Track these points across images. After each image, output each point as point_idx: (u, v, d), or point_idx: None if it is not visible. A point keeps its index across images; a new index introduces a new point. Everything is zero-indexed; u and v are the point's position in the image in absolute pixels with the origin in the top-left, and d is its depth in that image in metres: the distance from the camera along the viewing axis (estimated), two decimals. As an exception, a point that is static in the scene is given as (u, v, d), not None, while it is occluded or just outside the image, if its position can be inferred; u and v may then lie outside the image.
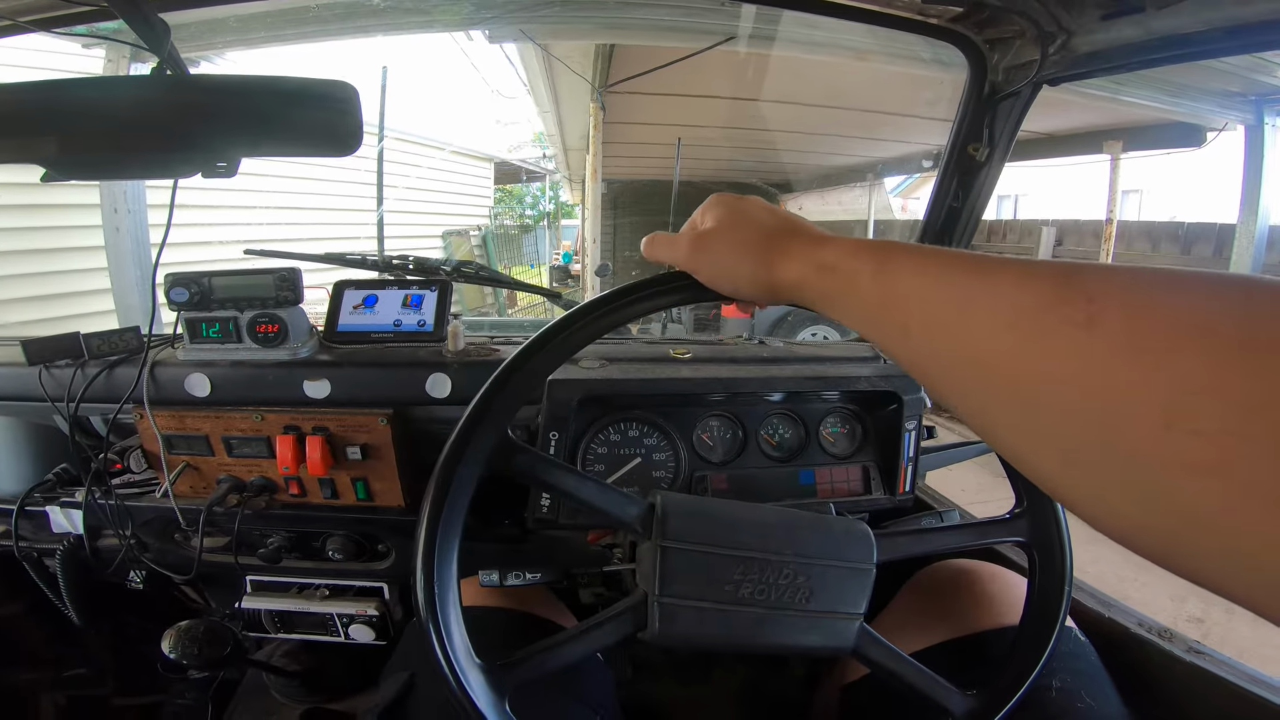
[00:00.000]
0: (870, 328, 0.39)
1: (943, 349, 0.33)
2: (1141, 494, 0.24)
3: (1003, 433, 0.31)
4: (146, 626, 1.24)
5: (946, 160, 1.07)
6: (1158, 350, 0.23)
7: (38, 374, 0.92)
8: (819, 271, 0.43)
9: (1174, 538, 0.24)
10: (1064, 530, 0.65)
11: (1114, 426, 0.24)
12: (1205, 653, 0.76)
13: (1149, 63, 0.85)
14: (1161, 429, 0.22)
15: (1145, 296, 0.25)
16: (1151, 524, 0.24)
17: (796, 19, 2.04)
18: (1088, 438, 0.25)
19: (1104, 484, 0.26)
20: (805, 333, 4.92)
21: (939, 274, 0.34)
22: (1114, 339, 0.25)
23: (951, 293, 0.33)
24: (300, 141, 0.67)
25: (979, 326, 0.31)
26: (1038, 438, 0.28)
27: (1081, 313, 0.26)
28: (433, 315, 0.98)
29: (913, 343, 0.35)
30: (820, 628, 0.58)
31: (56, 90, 0.56)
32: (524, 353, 0.54)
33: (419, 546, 0.51)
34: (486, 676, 0.52)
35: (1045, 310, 0.28)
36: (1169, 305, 0.24)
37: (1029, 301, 0.29)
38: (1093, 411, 0.25)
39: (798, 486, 0.92)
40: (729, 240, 0.49)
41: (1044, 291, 0.28)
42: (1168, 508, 0.23)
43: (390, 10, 1.53)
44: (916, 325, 0.35)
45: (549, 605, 0.86)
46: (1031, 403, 0.28)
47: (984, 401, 0.31)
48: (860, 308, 0.40)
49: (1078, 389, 0.26)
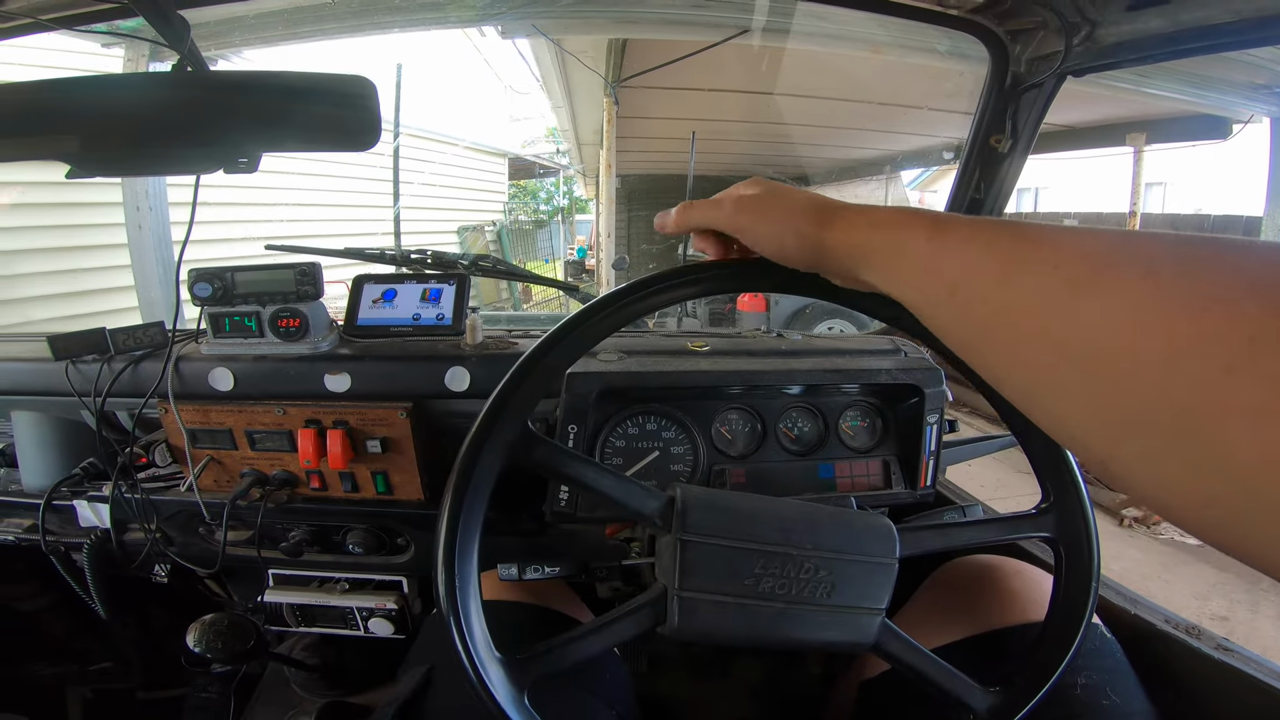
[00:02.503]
0: (915, 288, 0.39)
1: (992, 307, 0.32)
2: (1197, 453, 0.23)
3: (1050, 398, 0.30)
4: (171, 620, 1.26)
5: (968, 152, 1.06)
6: (1219, 298, 0.23)
7: (64, 369, 0.94)
8: (871, 227, 0.42)
9: (1227, 501, 0.23)
10: (1092, 526, 0.64)
11: (1173, 376, 0.24)
12: (1234, 650, 0.75)
13: (1176, 54, 0.83)
14: (1223, 374, 0.22)
15: (1202, 251, 0.25)
16: (1205, 488, 0.24)
17: (811, 11, 2.03)
18: (1143, 392, 0.25)
19: (1158, 445, 0.25)
20: (822, 326, 4.89)
21: (994, 235, 0.34)
22: (1174, 289, 0.25)
23: (1006, 252, 0.33)
24: (319, 137, 0.67)
25: (1034, 283, 0.30)
26: (1088, 398, 0.28)
27: (1140, 266, 0.26)
28: (451, 309, 0.99)
29: (959, 301, 0.35)
30: (841, 623, 0.57)
31: (79, 88, 0.57)
32: (543, 345, 0.54)
33: (440, 539, 0.51)
34: (506, 670, 0.52)
35: (1103, 266, 0.27)
36: (1227, 257, 0.24)
37: (1087, 257, 0.28)
38: (1151, 363, 0.24)
39: (817, 480, 0.91)
40: (777, 203, 0.49)
41: (1102, 248, 0.28)
42: (1223, 465, 0.22)
43: (405, 6, 1.53)
44: (966, 282, 0.34)
45: (566, 599, 0.86)
46: (1086, 357, 0.27)
47: (1033, 363, 0.30)
48: (909, 266, 0.39)
49: (1135, 340, 0.25)
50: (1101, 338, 0.26)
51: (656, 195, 8.54)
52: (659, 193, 8.45)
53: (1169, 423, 0.24)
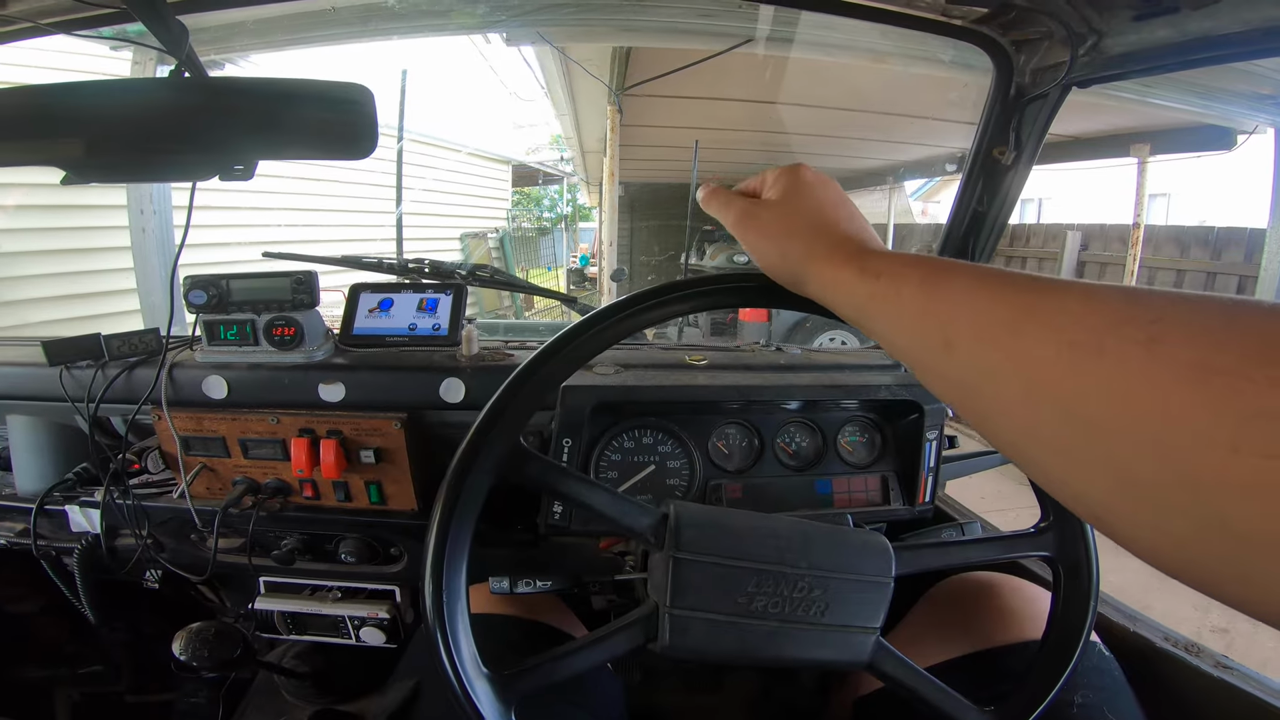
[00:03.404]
0: (908, 339, 0.38)
1: (991, 365, 0.32)
2: (1200, 520, 0.22)
3: (1048, 456, 0.29)
4: (162, 626, 1.25)
5: (971, 164, 1.05)
6: (1225, 372, 0.22)
7: (58, 374, 0.93)
8: (861, 275, 0.41)
9: (1232, 563, 0.22)
10: (1092, 546, 0.63)
11: (1175, 448, 0.23)
12: (1233, 668, 0.74)
13: (1183, 64, 0.82)
14: (1228, 452, 0.21)
15: (1212, 319, 0.24)
16: (1208, 552, 0.23)
17: (815, 21, 2.03)
18: (1144, 460, 0.24)
19: (1158, 509, 0.24)
20: (824, 337, 4.88)
21: (996, 287, 0.33)
22: (1179, 359, 0.24)
23: (1006, 307, 0.31)
24: (316, 144, 0.66)
25: (1035, 342, 0.29)
26: (1088, 462, 0.27)
27: (1144, 332, 0.25)
28: (447, 319, 0.98)
29: (957, 358, 0.34)
30: (835, 642, 0.56)
31: (73, 92, 0.56)
32: (537, 360, 0.54)
33: (428, 554, 0.51)
34: (493, 686, 0.51)
35: (1109, 328, 0.26)
36: (1237, 328, 0.23)
37: (1092, 317, 0.27)
38: (1153, 432, 0.24)
39: (815, 496, 0.90)
40: (781, 218, 0.48)
41: (1108, 309, 0.27)
42: (1228, 533, 0.22)
43: (408, 13, 1.53)
44: (964, 338, 0.33)
45: (559, 614, 0.85)
46: (1086, 423, 0.26)
47: (1031, 423, 0.30)
48: (900, 316, 0.38)
49: (1138, 409, 0.24)
50: (1106, 405, 0.26)
51: (660, 204, 8.57)
52: (662, 201, 8.47)
53: (1174, 489, 0.23)
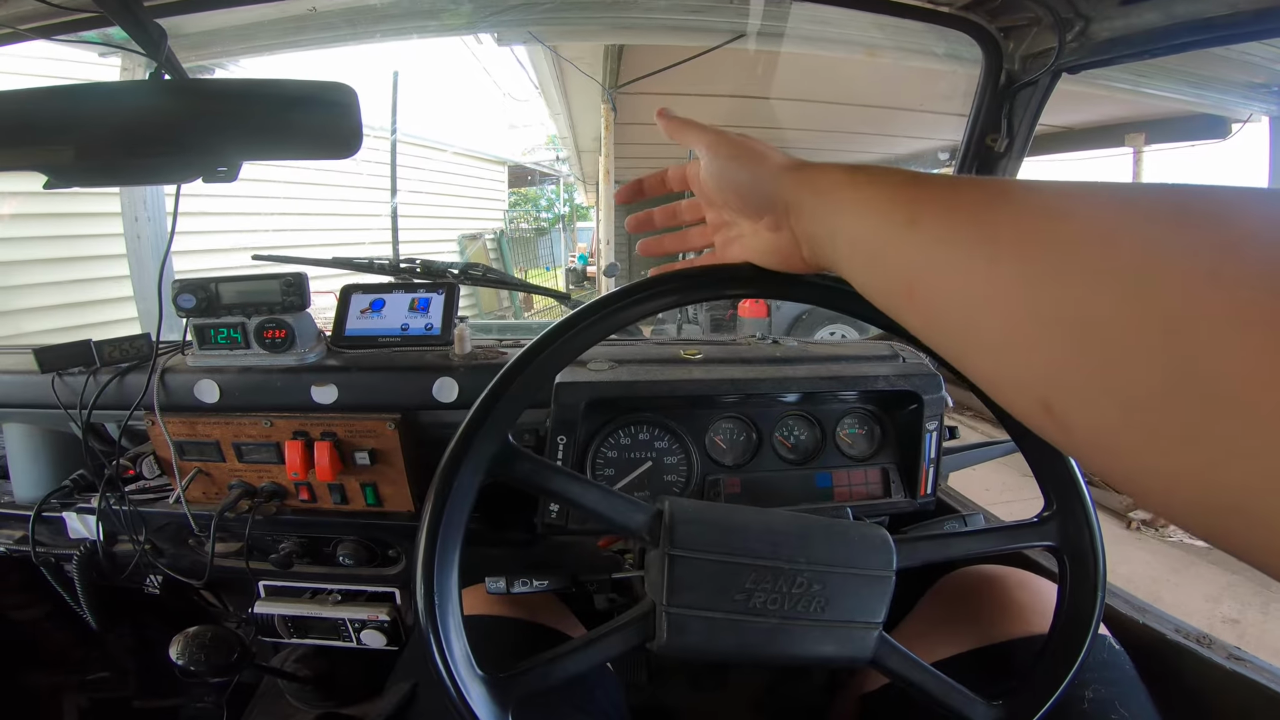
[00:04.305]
0: (875, 220, 0.36)
1: (956, 237, 0.31)
2: (1166, 370, 0.21)
3: (1006, 327, 0.28)
4: (166, 631, 1.25)
5: (964, 152, 1.05)
6: (1205, 212, 0.22)
7: (51, 381, 0.93)
8: (842, 168, 0.40)
9: (1196, 426, 0.20)
10: (1097, 533, 0.62)
11: (1149, 284, 0.22)
12: (1247, 659, 0.73)
13: (1171, 49, 0.82)
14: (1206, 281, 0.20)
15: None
16: (1170, 416, 0.21)
17: (807, 15, 2.02)
18: (1115, 304, 0.23)
19: (1125, 359, 0.22)
20: (823, 331, 4.88)
21: (964, 181, 0.33)
22: (1160, 204, 0.24)
23: (975, 188, 0.31)
24: (300, 144, 0.66)
25: (1006, 214, 0.29)
26: (1052, 320, 0.25)
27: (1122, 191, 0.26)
28: (440, 318, 0.97)
29: (919, 235, 0.33)
30: (836, 637, 0.55)
31: (52, 97, 0.56)
32: (525, 356, 0.53)
33: (418, 555, 0.50)
34: (489, 688, 0.51)
35: (1082, 193, 0.27)
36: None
37: (1068, 189, 0.27)
38: (1130, 269, 0.23)
39: (814, 490, 0.89)
40: (756, 144, 0.49)
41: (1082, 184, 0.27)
42: (1195, 381, 0.20)
43: (395, 15, 1.52)
44: (928, 215, 0.33)
45: (557, 614, 0.85)
46: (1051, 275, 0.25)
47: (992, 293, 0.28)
48: (873, 199, 0.37)
49: (1114, 249, 0.24)
50: (1074, 251, 0.25)
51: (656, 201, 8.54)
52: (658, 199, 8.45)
53: (1139, 331, 0.22)
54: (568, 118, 6.13)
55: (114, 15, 0.59)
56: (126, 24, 0.59)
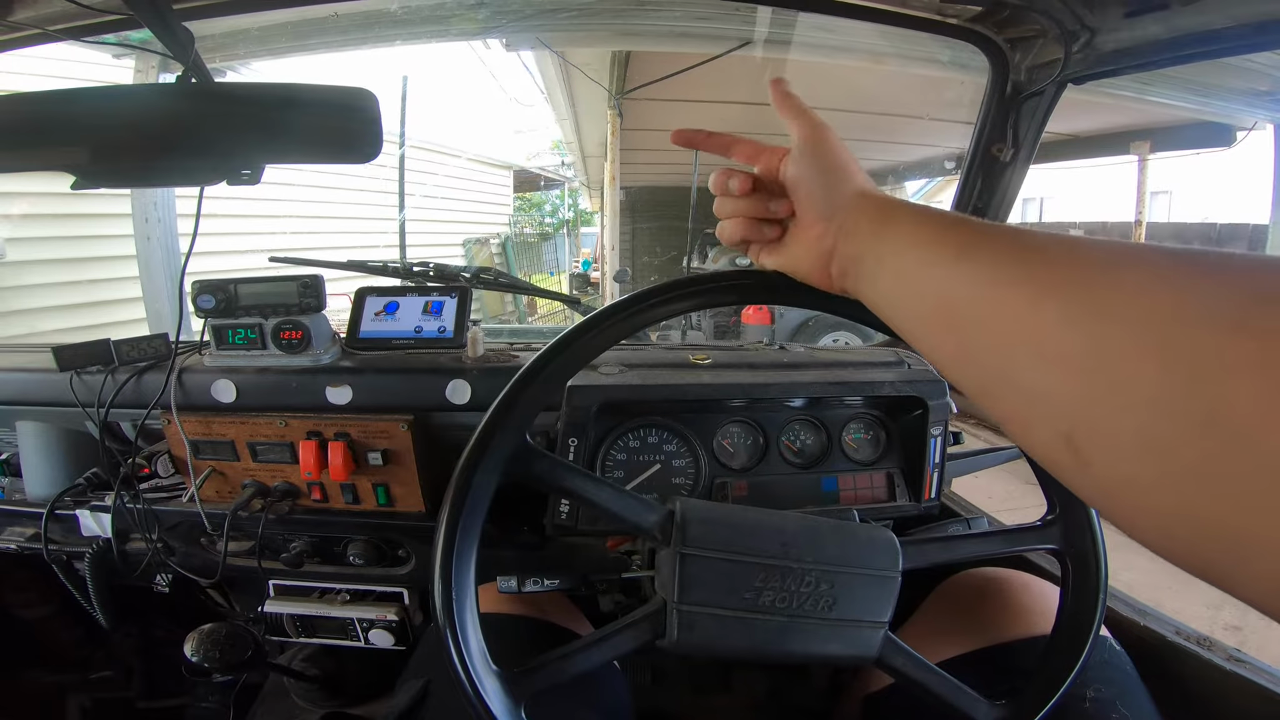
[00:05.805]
0: (923, 249, 0.40)
1: (999, 276, 0.34)
2: (1189, 417, 0.23)
3: (1040, 366, 0.30)
4: (172, 630, 1.26)
5: (969, 162, 1.05)
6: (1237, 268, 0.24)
7: (69, 380, 0.94)
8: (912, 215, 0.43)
9: (1223, 459, 0.22)
10: (1099, 537, 0.63)
11: (1177, 332, 0.24)
12: (1247, 661, 0.74)
13: (1176, 60, 0.83)
14: (1231, 331, 0.22)
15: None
16: (1190, 458, 0.23)
17: (813, 23, 2.03)
18: (1145, 357, 0.25)
19: (1150, 409, 0.24)
20: (827, 338, 4.88)
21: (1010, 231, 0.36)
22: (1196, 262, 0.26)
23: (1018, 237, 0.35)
24: (321, 149, 0.67)
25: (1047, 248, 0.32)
26: (1084, 368, 0.27)
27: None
28: (453, 321, 0.99)
29: (963, 268, 0.36)
30: (843, 636, 0.56)
31: (83, 99, 0.57)
32: (542, 358, 0.54)
33: (437, 552, 0.51)
34: (503, 684, 0.52)
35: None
36: None
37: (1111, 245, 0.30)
38: (1158, 320, 0.25)
39: (820, 493, 0.90)
40: (848, 157, 0.51)
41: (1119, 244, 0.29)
42: (1216, 428, 0.22)
43: (409, 20, 1.54)
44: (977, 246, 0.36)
45: (566, 613, 0.86)
46: (1091, 314, 0.28)
47: (1033, 327, 0.31)
48: (925, 244, 0.40)
49: (1146, 299, 0.26)
50: (1107, 298, 0.27)
51: (661, 207, 8.58)
52: (663, 204, 8.49)
53: (1165, 380, 0.23)
54: (574, 123, 6.15)
55: (145, 18, 0.60)
56: (156, 27, 0.61)
